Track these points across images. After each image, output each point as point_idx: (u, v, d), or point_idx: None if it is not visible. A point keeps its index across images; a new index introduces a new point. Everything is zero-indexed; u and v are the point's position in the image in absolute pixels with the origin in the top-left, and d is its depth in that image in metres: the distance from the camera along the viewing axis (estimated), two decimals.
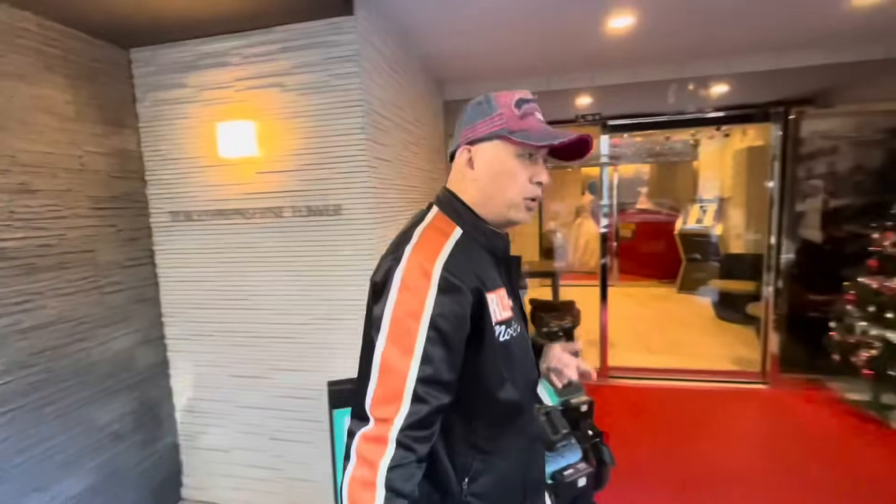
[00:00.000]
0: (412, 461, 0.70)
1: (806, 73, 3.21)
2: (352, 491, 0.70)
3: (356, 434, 0.72)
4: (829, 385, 3.20)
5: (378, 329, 0.74)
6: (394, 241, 0.83)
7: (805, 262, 3.26)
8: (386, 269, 0.77)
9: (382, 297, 0.75)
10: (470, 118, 0.85)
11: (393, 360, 0.72)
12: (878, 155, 3.09)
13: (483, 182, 0.84)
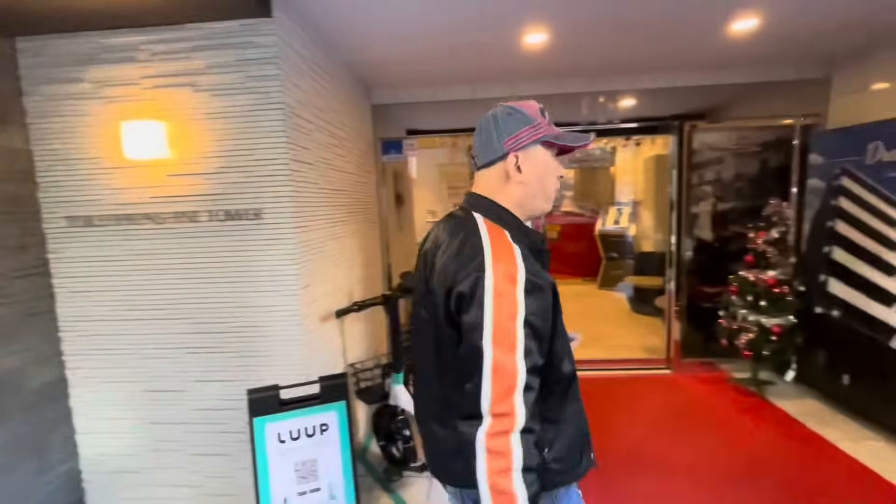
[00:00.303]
0: (533, 441, 0.82)
1: (699, 91, 3.63)
2: (493, 482, 0.79)
3: (478, 433, 0.81)
4: (720, 366, 3.64)
5: (480, 335, 0.82)
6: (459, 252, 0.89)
7: (699, 259, 3.67)
8: (473, 280, 0.84)
9: (474, 305, 0.83)
10: (509, 129, 0.94)
11: (501, 361, 0.81)
12: (755, 165, 3.57)
13: (530, 183, 0.95)
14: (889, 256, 2.61)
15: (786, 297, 2.99)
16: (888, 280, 2.61)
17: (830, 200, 3.00)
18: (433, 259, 0.97)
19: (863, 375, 2.77)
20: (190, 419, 2.04)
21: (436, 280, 0.92)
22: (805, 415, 2.90)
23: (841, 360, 2.92)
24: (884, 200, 2.63)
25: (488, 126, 0.97)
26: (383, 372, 2.37)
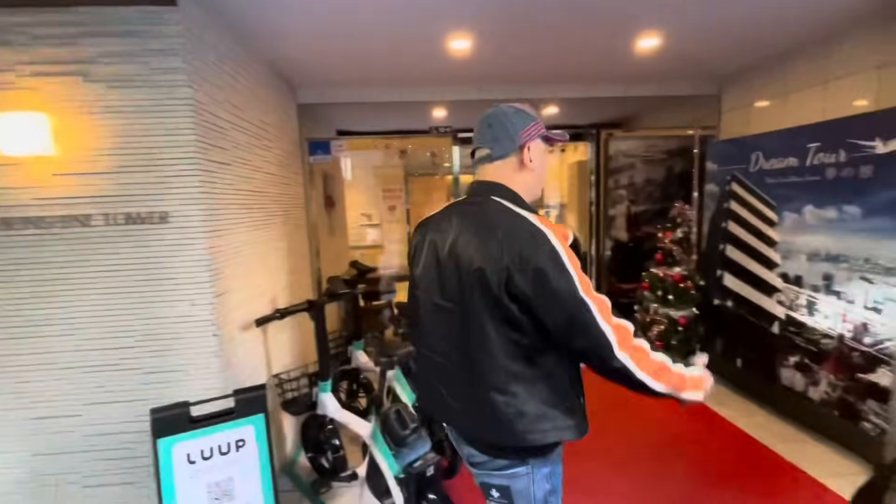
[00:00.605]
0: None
1: (614, 102, 3.90)
2: (651, 371, 0.98)
3: (621, 359, 0.94)
4: None
5: (577, 291, 0.92)
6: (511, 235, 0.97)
7: (617, 258, 3.95)
8: (548, 254, 0.93)
9: (561, 272, 0.93)
10: (521, 124, 1.06)
11: (597, 300, 0.95)
12: (662, 171, 3.91)
13: (538, 171, 1.09)
14: (769, 252, 2.97)
15: (689, 291, 3.31)
16: (769, 273, 2.98)
17: (723, 203, 3.36)
18: (453, 248, 1.05)
19: (751, 358, 3.13)
20: (85, 447, 1.83)
21: (475, 265, 0.99)
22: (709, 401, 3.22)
23: (735, 346, 3.28)
24: (763, 203, 3.00)
25: (501, 121, 1.07)
26: (310, 381, 2.29)
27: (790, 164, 2.78)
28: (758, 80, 3.28)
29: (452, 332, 1.07)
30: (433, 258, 1.11)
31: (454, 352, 1.08)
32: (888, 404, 2.20)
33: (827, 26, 2.56)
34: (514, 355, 1.00)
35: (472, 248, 1.01)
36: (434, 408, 1.19)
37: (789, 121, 3.02)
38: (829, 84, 2.73)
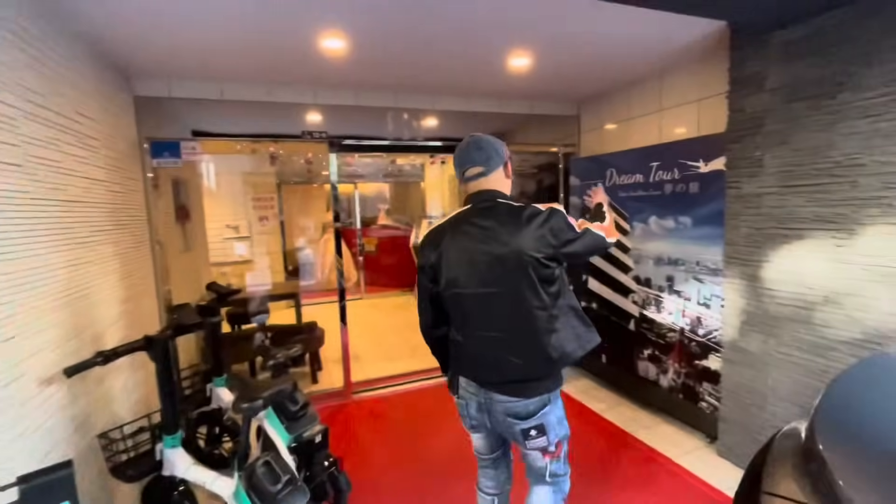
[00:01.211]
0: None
1: (491, 116, 4.04)
2: (612, 234, 1.47)
3: (610, 241, 1.44)
4: None
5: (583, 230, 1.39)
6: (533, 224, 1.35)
7: None
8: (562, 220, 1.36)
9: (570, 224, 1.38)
10: (500, 145, 1.48)
11: (590, 225, 1.42)
12: (533, 184, 4.18)
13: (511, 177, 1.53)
14: (624, 258, 3.34)
15: None
16: (625, 276, 3.34)
17: (585, 215, 3.70)
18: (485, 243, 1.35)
19: (614, 354, 3.47)
20: None
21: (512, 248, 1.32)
22: (580, 392, 3.47)
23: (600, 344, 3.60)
24: (618, 214, 3.36)
25: (489, 144, 1.45)
26: (153, 435, 1.85)
27: (638, 179, 3.16)
28: (609, 104, 3.69)
29: (502, 308, 1.36)
30: (465, 257, 1.38)
31: (509, 320, 1.37)
32: (719, 385, 2.59)
33: (660, 64, 2.97)
34: (548, 304, 1.34)
35: (505, 237, 1.33)
36: (492, 375, 1.44)
37: (635, 142, 3.45)
38: (664, 112, 3.17)
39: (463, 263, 1.38)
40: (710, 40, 2.53)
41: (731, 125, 2.32)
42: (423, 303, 1.55)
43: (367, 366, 4.16)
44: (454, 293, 1.42)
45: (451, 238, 1.40)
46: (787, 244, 2.09)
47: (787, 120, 2.06)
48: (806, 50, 1.96)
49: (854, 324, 1.87)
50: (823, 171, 1.93)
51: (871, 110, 1.76)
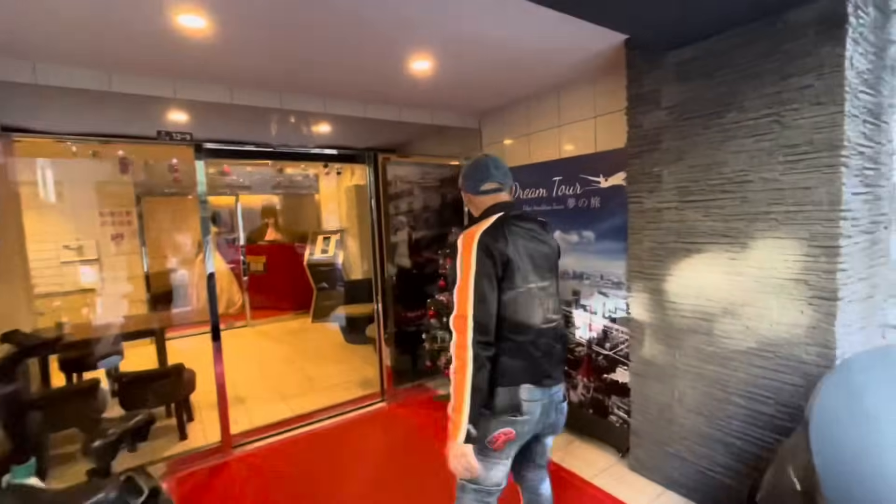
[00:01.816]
0: None
1: (390, 126, 3.76)
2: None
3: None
4: (427, 385, 3.84)
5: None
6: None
7: (402, 286, 3.80)
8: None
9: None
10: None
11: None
12: (437, 197, 4.00)
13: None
14: None
15: None
16: None
17: None
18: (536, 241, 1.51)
19: None
20: None
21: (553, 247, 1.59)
22: None
23: None
24: None
25: (504, 165, 1.62)
26: None
27: (541, 194, 3.13)
28: (510, 118, 3.66)
29: (554, 298, 1.55)
30: (527, 253, 1.45)
31: (555, 311, 1.54)
32: (627, 398, 2.60)
33: (558, 79, 2.99)
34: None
35: (545, 237, 1.55)
36: (555, 366, 1.52)
37: (537, 156, 3.44)
38: (563, 128, 3.21)
39: (526, 260, 1.44)
40: (606, 58, 2.57)
41: (631, 141, 2.35)
42: (491, 306, 1.36)
43: (254, 409, 3.54)
44: (527, 288, 1.44)
45: (511, 239, 1.42)
46: (688, 258, 2.14)
47: (681, 137, 2.11)
48: (696, 71, 2.04)
49: (750, 333, 1.95)
50: (716, 186, 2.00)
51: (756, 129, 1.85)
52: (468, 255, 1.36)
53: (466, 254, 1.36)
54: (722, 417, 2.07)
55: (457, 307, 1.36)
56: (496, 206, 1.53)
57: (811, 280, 1.74)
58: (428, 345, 3.43)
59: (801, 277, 1.77)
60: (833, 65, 1.63)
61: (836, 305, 1.69)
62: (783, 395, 1.86)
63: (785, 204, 1.79)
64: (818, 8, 1.66)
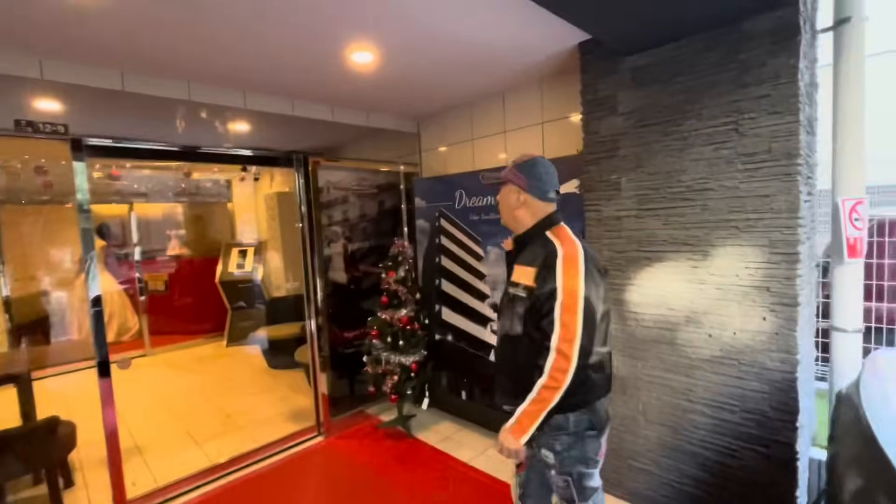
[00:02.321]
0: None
1: (320, 126, 3.39)
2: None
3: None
4: (369, 412, 3.49)
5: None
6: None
7: (337, 303, 3.43)
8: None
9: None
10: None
11: None
12: (374, 206, 3.70)
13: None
14: (479, 285, 3.12)
15: (417, 333, 3.12)
16: (481, 304, 3.12)
17: (435, 239, 3.39)
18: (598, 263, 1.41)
19: (474, 389, 3.20)
20: None
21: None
22: (444, 441, 3.07)
23: (458, 379, 3.30)
24: (470, 238, 3.14)
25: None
26: None
27: (490, 202, 2.98)
28: (452, 123, 3.49)
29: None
30: (599, 277, 1.38)
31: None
32: None
33: (504, 84, 2.88)
34: None
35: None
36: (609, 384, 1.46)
37: (480, 163, 3.31)
38: (508, 134, 3.10)
39: (599, 282, 1.36)
40: (558, 61, 2.49)
41: (588, 148, 2.28)
42: (596, 327, 1.32)
43: (159, 461, 2.93)
44: (606, 309, 1.39)
45: (589, 258, 1.35)
46: (649, 266, 2.10)
47: (640, 144, 2.08)
48: (653, 77, 2.01)
49: (713, 342, 1.93)
50: (677, 194, 1.98)
51: (715, 138, 1.85)
52: (575, 271, 1.28)
53: (573, 269, 1.28)
54: (688, 428, 2.04)
55: (564, 329, 1.26)
56: (554, 216, 1.46)
57: (773, 287, 1.76)
58: (371, 368, 3.10)
59: (763, 284, 1.78)
60: (788, 75, 1.66)
61: (796, 311, 1.72)
62: (748, 402, 1.86)
63: (745, 211, 1.80)
64: (773, 19, 1.68)
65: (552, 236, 1.38)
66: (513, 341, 1.39)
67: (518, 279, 1.38)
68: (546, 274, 1.30)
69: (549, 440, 1.37)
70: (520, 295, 1.35)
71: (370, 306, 3.37)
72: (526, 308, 1.34)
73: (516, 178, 1.47)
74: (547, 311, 1.28)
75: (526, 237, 1.45)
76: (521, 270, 1.38)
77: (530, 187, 1.46)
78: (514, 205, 1.48)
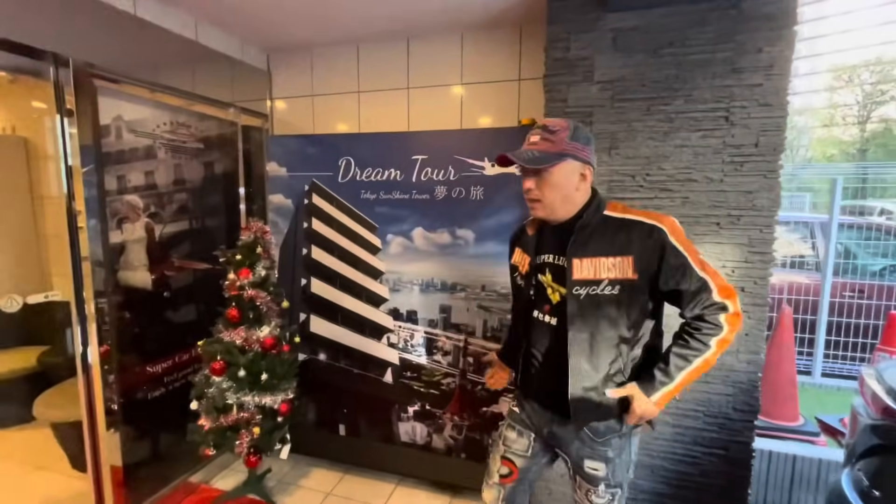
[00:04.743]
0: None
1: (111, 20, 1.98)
2: None
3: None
4: (195, 483, 2.31)
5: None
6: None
7: (135, 320, 2.11)
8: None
9: None
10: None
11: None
12: (199, 168, 2.44)
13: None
14: (374, 286, 2.38)
15: (285, 357, 2.16)
16: (375, 311, 2.39)
17: (303, 223, 2.45)
18: None
19: (359, 421, 2.45)
20: None
21: None
22: (327, 501, 2.23)
23: (335, 411, 2.48)
24: (360, 223, 2.36)
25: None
26: None
27: (394, 177, 2.27)
28: (327, 65, 2.58)
29: None
30: None
31: None
32: None
33: (409, 26, 2.20)
34: None
35: None
36: None
37: (371, 125, 2.53)
38: (413, 91, 2.43)
39: None
40: (508, 4, 1.98)
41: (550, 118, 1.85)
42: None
43: None
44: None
45: None
46: None
47: (618, 121, 1.77)
48: (640, 43, 1.72)
49: None
50: (657, 184, 1.75)
51: (704, 124, 1.68)
52: (687, 240, 1.19)
53: (685, 239, 1.18)
54: (646, 439, 1.87)
55: (717, 278, 1.16)
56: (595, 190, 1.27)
57: (748, 287, 1.70)
58: (207, 421, 1.98)
59: (739, 284, 1.71)
60: (782, 66, 1.59)
61: (765, 311, 1.70)
62: (711, 407, 1.79)
63: (727, 207, 1.69)
64: (774, 3, 1.57)
65: (620, 214, 1.20)
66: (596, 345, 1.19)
67: (603, 275, 1.15)
68: (651, 257, 1.14)
69: (597, 448, 1.22)
70: (610, 294, 1.15)
71: (195, 321, 2.22)
72: (625, 304, 1.15)
73: (578, 150, 1.16)
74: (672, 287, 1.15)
75: (584, 219, 1.20)
76: (603, 263, 1.16)
77: (588, 154, 1.19)
78: (576, 184, 1.19)
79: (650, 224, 1.15)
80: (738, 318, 1.14)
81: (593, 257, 1.16)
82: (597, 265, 1.15)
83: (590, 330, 1.17)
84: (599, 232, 1.18)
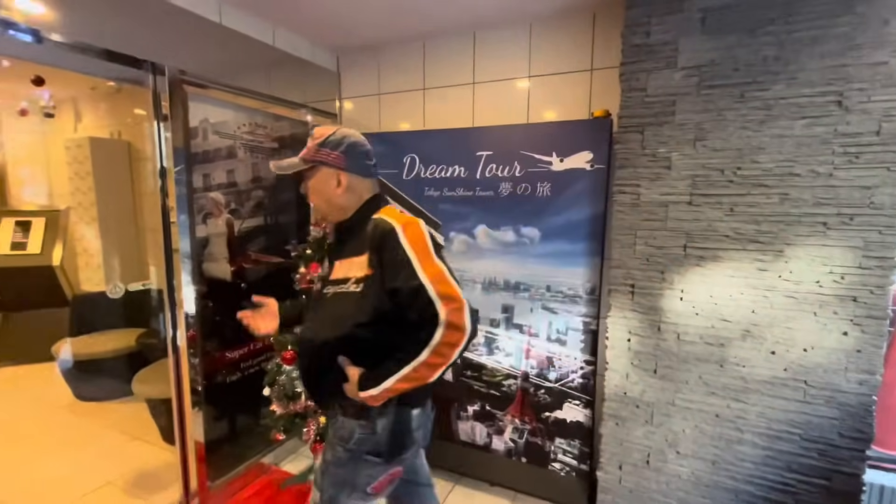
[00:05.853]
0: None
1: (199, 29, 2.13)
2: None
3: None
4: (265, 464, 2.45)
5: None
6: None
7: (215, 308, 2.27)
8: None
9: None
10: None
11: None
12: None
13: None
14: None
15: None
16: None
17: None
18: None
19: None
20: None
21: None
22: None
23: None
24: (429, 223, 2.36)
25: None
26: None
27: (457, 174, 2.24)
28: (393, 63, 2.61)
29: None
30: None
31: None
32: (577, 441, 2.04)
33: (475, 19, 2.14)
34: None
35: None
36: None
37: (436, 122, 2.52)
38: (478, 86, 2.39)
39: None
40: None
41: (627, 110, 1.73)
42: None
43: None
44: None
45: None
46: (700, 267, 1.68)
47: (705, 110, 1.61)
48: (733, 23, 1.55)
49: (776, 360, 1.61)
50: (749, 179, 1.58)
51: (809, 111, 1.48)
52: (423, 241, 1.12)
53: (421, 240, 1.12)
54: (731, 461, 1.70)
55: (442, 285, 1.05)
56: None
57: (861, 296, 1.48)
58: (279, 407, 2.09)
59: (850, 293, 1.49)
60: None
61: (884, 325, 1.47)
62: (812, 430, 1.58)
63: (837, 205, 1.48)
64: None
65: (378, 215, 1.18)
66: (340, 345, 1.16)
67: (352, 274, 1.17)
68: (374, 255, 1.13)
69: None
70: (355, 291, 1.15)
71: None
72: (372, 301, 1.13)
73: (326, 156, 1.19)
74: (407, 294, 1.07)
75: (348, 222, 1.25)
76: (355, 262, 1.18)
77: (348, 164, 1.21)
78: (333, 189, 1.22)
79: (382, 220, 1.13)
80: (456, 332, 1.02)
81: (348, 258, 1.19)
82: (349, 266, 1.18)
83: (328, 330, 1.19)
84: (355, 234, 1.20)
